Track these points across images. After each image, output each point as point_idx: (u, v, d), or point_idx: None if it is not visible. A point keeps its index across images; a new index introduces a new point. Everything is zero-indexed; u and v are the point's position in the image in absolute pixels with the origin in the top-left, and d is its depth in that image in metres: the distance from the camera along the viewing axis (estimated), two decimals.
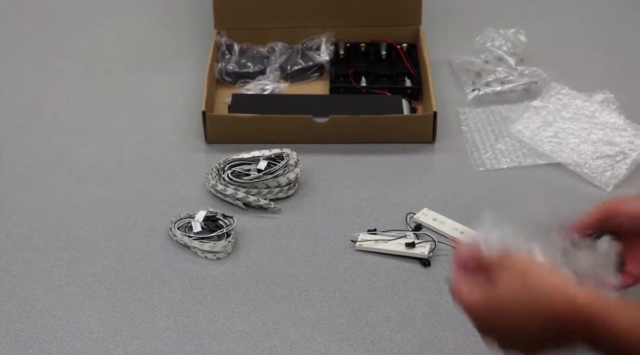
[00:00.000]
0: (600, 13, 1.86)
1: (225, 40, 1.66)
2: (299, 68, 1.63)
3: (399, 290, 1.23)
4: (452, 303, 1.19)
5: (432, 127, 1.48)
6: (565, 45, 1.76)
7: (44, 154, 1.49)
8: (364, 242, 1.29)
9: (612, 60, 1.72)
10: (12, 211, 1.37)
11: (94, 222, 1.35)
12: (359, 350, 1.14)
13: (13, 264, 1.27)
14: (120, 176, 1.44)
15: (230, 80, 1.62)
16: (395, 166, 1.45)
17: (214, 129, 1.48)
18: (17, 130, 1.54)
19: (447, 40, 1.74)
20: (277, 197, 1.38)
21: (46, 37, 1.81)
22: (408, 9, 1.67)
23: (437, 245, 1.28)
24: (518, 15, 1.83)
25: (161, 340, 1.15)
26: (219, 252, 1.27)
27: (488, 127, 1.53)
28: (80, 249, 1.30)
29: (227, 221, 1.30)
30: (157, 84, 1.66)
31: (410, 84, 1.59)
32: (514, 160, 1.45)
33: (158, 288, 1.23)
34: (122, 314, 1.19)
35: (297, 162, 1.39)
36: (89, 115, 1.58)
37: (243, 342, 1.15)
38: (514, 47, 1.67)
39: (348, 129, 1.48)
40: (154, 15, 1.87)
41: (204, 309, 1.20)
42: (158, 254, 1.29)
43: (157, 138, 1.52)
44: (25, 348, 1.15)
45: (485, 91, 1.59)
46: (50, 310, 1.20)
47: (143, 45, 1.78)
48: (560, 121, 1.51)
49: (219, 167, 1.40)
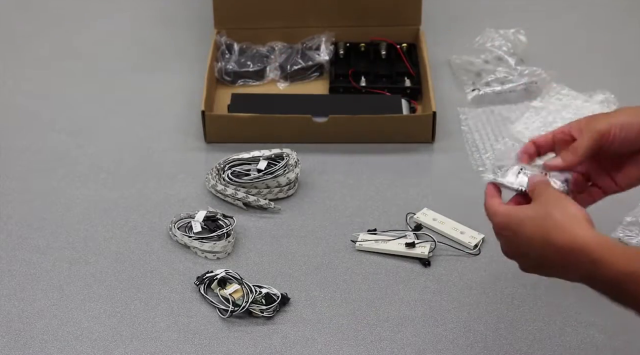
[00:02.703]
0: (600, 13, 1.86)
1: (225, 39, 1.66)
2: (298, 68, 1.64)
3: (399, 290, 1.23)
4: (452, 303, 1.20)
5: (431, 127, 1.48)
6: (565, 45, 1.76)
7: (44, 154, 1.49)
8: (364, 242, 1.29)
9: (612, 60, 1.72)
10: (12, 211, 1.37)
11: (94, 222, 1.35)
12: (359, 350, 1.14)
13: (13, 264, 1.27)
14: (120, 176, 1.44)
15: (230, 79, 1.62)
16: (395, 166, 1.45)
17: (214, 129, 1.48)
18: (17, 130, 1.54)
19: (447, 40, 1.74)
20: (277, 197, 1.38)
21: (46, 37, 1.81)
22: (408, 9, 1.67)
23: (437, 245, 1.28)
24: (518, 15, 1.83)
25: (161, 340, 1.15)
26: (219, 252, 1.27)
27: (488, 127, 1.53)
28: (80, 249, 1.30)
29: (227, 221, 1.30)
30: (157, 84, 1.66)
31: (410, 84, 1.59)
32: None
33: (158, 288, 1.23)
34: (122, 314, 1.19)
35: (297, 162, 1.39)
36: (89, 115, 1.58)
37: (243, 342, 1.15)
38: (514, 47, 1.67)
39: (347, 128, 1.48)
40: (154, 15, 1.87)
41: (204, 309, 1.20)
42: (158, 254, 1.29)
43: (157, 138, 1.52)
44: (25, 348, 1.15)
45: (485, 91, 1.59)
46: (50, 310, 1.20)
47: (143, 45, 1.78)
48: (560, 122, 1.50)
49: (219, 167, 1.40)
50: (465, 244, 1.29)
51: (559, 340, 1.14)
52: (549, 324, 1.17)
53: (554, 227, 0.91)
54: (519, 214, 0.96)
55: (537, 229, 0.93)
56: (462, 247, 1.29)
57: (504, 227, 0.97)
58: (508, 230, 0.96)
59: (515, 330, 1.16)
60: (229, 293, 1.19)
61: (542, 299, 1.20)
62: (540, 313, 1.18)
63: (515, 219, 0.95)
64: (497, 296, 1.21)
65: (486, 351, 1.14)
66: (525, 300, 1.20)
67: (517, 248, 0.97)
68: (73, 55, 1.75)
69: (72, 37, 1.81)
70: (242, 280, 1.21)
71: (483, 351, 1.13)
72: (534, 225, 0.93)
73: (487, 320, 1.18)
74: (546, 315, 1.18)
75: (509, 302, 1.20)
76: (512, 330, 1.16)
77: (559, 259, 0.92)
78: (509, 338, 1.15)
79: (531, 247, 0.94)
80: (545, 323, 1.17)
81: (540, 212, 0.94)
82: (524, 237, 0.94)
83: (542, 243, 0.92)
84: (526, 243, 0.94)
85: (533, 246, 0.93)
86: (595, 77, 1.65)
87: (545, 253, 0.92)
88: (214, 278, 1.21)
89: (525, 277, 1.22)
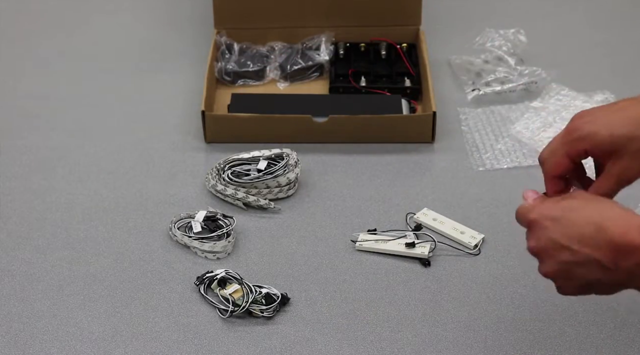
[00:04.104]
0: (600, 13, 1.87)
1: (225, 39, 1.66)
2: (298, 68, 1.64)
3: (399, 290, 1.23)
4: (452, 303, 1.20)
5: (431, 127, 1.48)
6: (565, 45, 1.76)
7: (44, 154, 1.49)
8: (364, 242, 1.29)
9: (612, 60, 1.72)
10: (12, 211, 1.37)
11: (94, 222, 1.35)
12: (359, 350, 1.14)
13: (13, 264, 1.27)
14: (120, 176, 1.44)
15: (230, 79, 1.62)
16: (395, 166, 1.45)
17: (214, 129, 1.48)
18: (17, 130, 1.54)
19: (447, 40, 1.75)
20: (277, 197, 1.38)
21: (46, 37, 1.81)
22: (408, 9, 1.67)
23: (437, 245, 1.28)
24: (518, 15, 1.83)
25: (161, 340, 1.15)
26: (219, 252, 1.27)
27: (488, 127, 1.53)
28: (80, 249, 1.30)
29: (227, 221, 1.30)
30: (157, 84, 1.66)
31: (410, 84, 1.59)
32: (514, 161, 1.45)
33: (158, 288, 1.23)
34: (122, 314, 1.19)
35: (297, 162, 1.39)
36: (89, 115, 1.58)
37: (243, 342, 1.15)
38: (514, 47, 1.67)
39: (347, 128, 1.48)
40: (154, 15, 1.87)
41: (204, 309, 1.20)
42: (158, 254, 1.29)
43: (157, 138, 1.52)
44: (25, 348, 1.15)
45: (485, 91, 1.59)
46: (50, 310, 1.20)
47: (143, 45, 1.78)
48: (560, 122, 1.51)
49: (219, 167, 1.40)
50: (465, 244, 1.29)
51: (559, 340, 1.14)
52: (549, 324, 1.17)
53: (607, 215, 0.87)
54: (565, 204, 0.91)
55: (590, 213, 0.88)
56: (462, 247, 1.29)
57: (549, 217, 0.91)
58: (551, 220, 0.90)
59: (515, 330, 1.16)
60: (229, 293, 1.19)
61: (542, 299, 1.20)
62: (540, 313, 1.18)
63: (563, 207, 0.90)
64: (497, 296, 1.21)
65: (486, 351, 1.14)
66: (525, 300, 1.20)
67: (559, 238, 0.90)
68: (73, 55, 1.75)
69: (72, 37, 1.81)
70: (242, 280, 1.21)
71: (483, 351, 1.13)
72: (586, 212, 0.89)
73: (487, 320, 1.18)
74: (546, 315, 1.18)
75: (509, 302, 1.20)
76: (512, 330, 1.16)
77: (612, 248, 0.86)
78: (509, 338, 1.15)
79: (580, 237, 0.88)
80: (545, 323, 1.17)
81: (588, 199, 0.90)
82: (576, 224, 0.89)
83: (597, 229, 0.87)
84: (575, 232, 0.88)
85: (582, 235, 0.88)
86: (595, 77, 1.65)
87: (597, 241, 0.87)
88: (214, 278, 1.21)
89: (525, 277, 1.23)
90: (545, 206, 0.93)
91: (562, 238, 0.89)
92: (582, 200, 0.92)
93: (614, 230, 0.86)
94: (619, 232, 0.86)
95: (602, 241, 0.87)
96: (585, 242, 0.88)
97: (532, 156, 1.45)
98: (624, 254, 0.86)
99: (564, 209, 0.91)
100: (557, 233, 0.90)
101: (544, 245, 0.91)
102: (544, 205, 0.93)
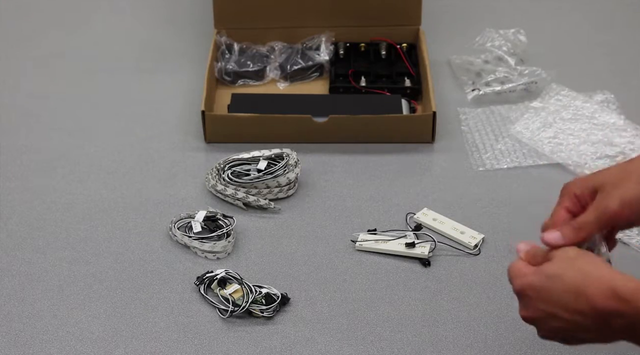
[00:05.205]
0: (600, 13, 1.86)
1: (225, 39, 1.66)
2: (298, 68, 1.64)
3: (399, 290, 1.23)
4: (452, 303, 1.20)
5: (431, 127, 1.48)
6: (565, 45, 1.76)
7: (44, 154, 1.49)
8: (364, 242, 1.29)
9: (612, 60, 1.72)
10: (12, 211, 1.37)
11: (94, 222, 1.35)
12: (359, 350, 1.14)
13: (13, 264, 1.27)
14: (120, 176, 1.44)
15: (230, 79, 1.62)
16: (395, 166, 1.45)
17: (214, 129, 1.48)
18: (17, 130, 1.54)
19: (447, 40, 1.75)
20: (277, 197, 1.38)
21: (46, 37, 1.81)
22: (408, 9, 1.67)
23: (437, 245, 1.28)
24: (518, 15, 1.83)
25: (161, 340, 1.15)
26: (219, 252, 1.27)
27: (488, 127, 1.53)
28: (80, 249, 1.30)
29: (227, 221, 1.30)
30: (157, 84, 1.66)
31: (410, 84, 1.59)
32: (514, 161, 1.45)
33: (158, 288, 1.23)
34: (122, 314, 1.19)
35: (297, 162, 1.39)
36: (89, 115, 1.58)
37: (243, 342, 1.15)
38: (514, 47, 1.67)
39: (348, 128, 1.48)
40: (154, 15, 1.87)
41: (204, 309, 1.20)
42: (158, 254, 1.29)
43: (157, 138, 1.52)
44: (25, 348, 1.15)
45: (485, 91, 1.59)
46: (50, 310, 1.20)
47: (143, 45, 1.78)
48: (560, 122, 1.51)
49: (219, 167, 1.40)
50: (465, 244, 1.29)
51: None
52: None
53: (587, 281, 0.86)
54: (545, 270, 0.90)
55: (570, 280, 0.87)
56: (462, 247, 1.29)
57: (530, 287, 0.90)
58: (532, 290, 0.90)
59: (515, 330, 1.16)
60: (229, 293, 1.19)
61: None
62: None
63: (542, 276, 0.89)
64: (497, 296, 1.21)
65: (486, 351, 1.14)
66: None
67: (545, 307, 0.89)
68: (73, 55, 1.75)
69: (72, 37, 1.81)
70: (242, 280, 1.21)
71: (483, 351, 1.13)
72: (564, 279, 0.87)
73: (487, 320, 1.18)
74: None
75: (509, 302, 1.20)
76: (512, 330, 1.16)
77: (594, 314, 0.85)
78: (509, 338, 1.15)
79: (561, 305, 0.87)
80: None
81: (571, 260, 0.89)
82: (555, 293, 0.88)
83: (576, 296, 0.86)
84: (556, 300, 0.88)
85: (564, 303, 0.87)
86: (595, 77, 1.65)
87: (579, 307, 0.86)
88: (214, 278, 1.22)
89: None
90: (527, 275, 0.91)
91: (548, 307, 0.89)
92: (563, 263, 0.89)
93: (595, 296, 0.85)
94: (600, 298, 0.85)
95: (585, 308, 0.86)
96: (570, 310, 0.87)
97: (532, 156, 1.45)
98: (611, 317, 0.85)
99: (543, 277, 0.89)
100: (542, 303, 0.89)
101: (532, 315, 0.91)
102: (526, 273, 0.91)
